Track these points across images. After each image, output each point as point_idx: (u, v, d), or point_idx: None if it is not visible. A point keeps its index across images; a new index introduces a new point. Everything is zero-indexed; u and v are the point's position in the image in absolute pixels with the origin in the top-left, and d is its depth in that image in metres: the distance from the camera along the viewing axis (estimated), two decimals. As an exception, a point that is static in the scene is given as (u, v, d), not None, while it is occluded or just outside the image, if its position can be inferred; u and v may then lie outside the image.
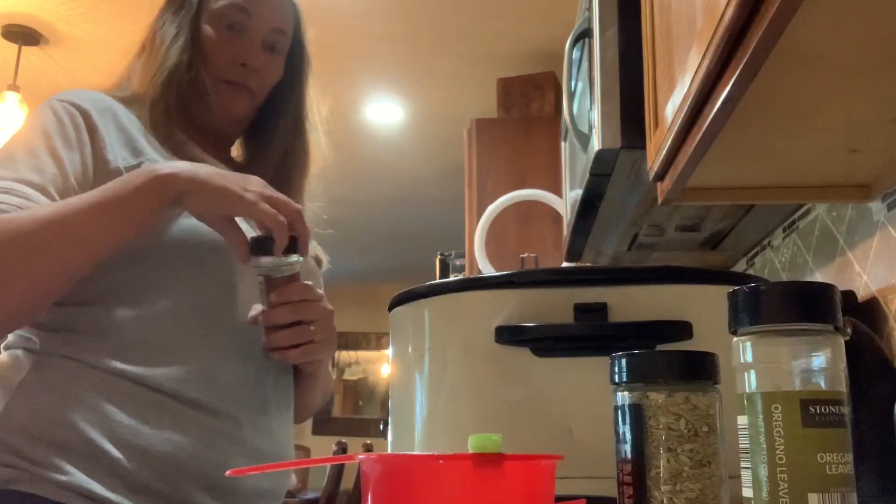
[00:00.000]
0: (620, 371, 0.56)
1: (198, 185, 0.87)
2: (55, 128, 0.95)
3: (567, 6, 2.04)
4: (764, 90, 0.84)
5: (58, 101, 0.98)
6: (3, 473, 0.85)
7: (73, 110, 0.97)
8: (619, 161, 1.28)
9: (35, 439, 0.86)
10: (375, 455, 0.55)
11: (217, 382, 0.93)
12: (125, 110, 1.02)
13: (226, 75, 1.07)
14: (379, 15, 3.08)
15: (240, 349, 0.96)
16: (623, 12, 1.26)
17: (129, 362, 0.89)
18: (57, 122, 0.95)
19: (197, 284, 0.95)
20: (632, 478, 0.54)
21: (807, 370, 0.50)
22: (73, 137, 0.95)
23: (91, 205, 0.86)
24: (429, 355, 0.83)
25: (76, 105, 0.97)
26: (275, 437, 0.99)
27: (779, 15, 0.65)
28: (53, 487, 0.84)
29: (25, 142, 0.93)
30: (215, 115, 1.08)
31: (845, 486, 0.48)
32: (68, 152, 0.93)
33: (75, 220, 0.85)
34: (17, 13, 3.14)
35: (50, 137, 0.93)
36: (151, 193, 0.86)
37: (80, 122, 0.96)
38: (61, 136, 0.94)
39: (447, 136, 4.00)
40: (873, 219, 1.17)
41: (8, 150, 0.93)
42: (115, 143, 0.97)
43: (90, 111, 0.97)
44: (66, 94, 0.99)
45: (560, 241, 2.63)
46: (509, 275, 0.81)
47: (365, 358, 6.99)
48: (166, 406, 0.90)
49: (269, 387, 0.99)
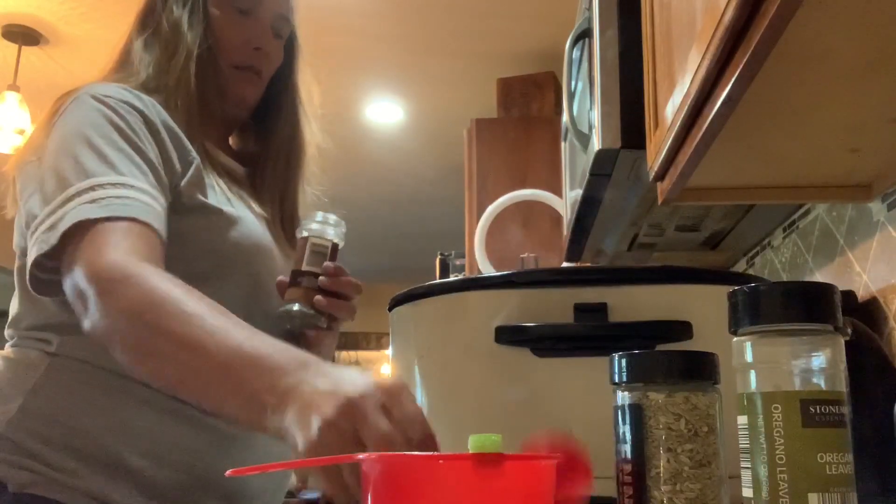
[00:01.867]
0: (620, 371, 0.56)
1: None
2: (123, 123, 0.88)
3: (567, 6, 2.04)
4: (764, 90, 0.83)
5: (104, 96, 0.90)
6: (19, 476, 0.84)
7: (131, 109, 0.91)
8: (619, 161, 1.28)
9: (51, 444, 0.85)
10: (375, 455, 0.55)
11: None
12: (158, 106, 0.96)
13: (239, 60, 1.04)
14: (379, 15, 3.07)
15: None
16: (623, 12, 1.26)
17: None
18: (122, 120, 0.89)
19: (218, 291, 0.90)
20: (632, 478, 0.54)
21: (807, 370, 0.50)
22: (145, 136, 0.89)
23: (223, 367, 0.72)
24: (429, 355, 0.83)
25: (129, 103, 0.91)
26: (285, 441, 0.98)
27: (779, 15, 0.65)
28: (70, 492, 0.84)
29: (98, 135, 0.86)
30: (229, 100, 1.06)
31: (845, 486, 0.48)
32: (147, 144, 0.89)
33: (201, 366, 0.72)
34: (17, 13, 3.14)
35: (126, 134, 0.88)
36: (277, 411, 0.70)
37: (138, 121, 0.91)
38: (135, 135, 0.88)
39: (447, 136, 4.00)
40: (873, 219, 1.17)
41: (83, 144, 0.85)
42: (168, 146, 0.93)
43: (145, 111, 0.92)
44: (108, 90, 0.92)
45: (560, 241, 2.62)
46: (509, 275, 0.81)
47: (365, 358, 6.99)
48: (183, 413, 0.88)
49: None
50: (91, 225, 0.79)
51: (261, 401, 0.69)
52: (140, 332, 0.74)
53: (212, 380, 0.72)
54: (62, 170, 0.84)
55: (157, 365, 0.75)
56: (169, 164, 0.91)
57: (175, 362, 0.73)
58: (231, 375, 0.71)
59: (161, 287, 0.75)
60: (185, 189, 0.92)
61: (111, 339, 0.77)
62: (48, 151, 0.88)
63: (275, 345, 0.72)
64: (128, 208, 0.81)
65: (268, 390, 0.69)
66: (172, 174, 0.91)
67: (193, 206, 0.93)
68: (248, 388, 0.70)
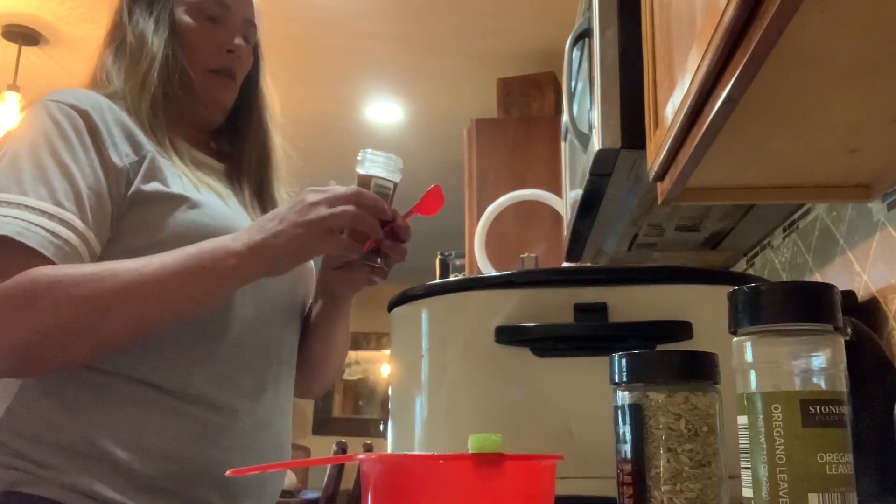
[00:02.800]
0: (620, 371, 0.56)
1: (273, 257, 0.88)
2: (56, 133, 0.91)
3: (567, 6, 2.04)
4: (764, 90, 0.83)
5: (52, 102, 0.94)
6: (7, 475, 0.86)
7: (72, 112, 0.93)
8: (619, 161, 1.28)
9: (38, 442, 0.86)
10: (375, 455, 0.55)
11: (217, 373, 0.94)
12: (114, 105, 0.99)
13: (213, 64, 1.07)
14: (379, 15, 3.07)
15: (240, 337, 0.97)
16: (623, 12, 1.26)
17: (129, 360, 0.89)
18: (57, 129, 0.92)
19: None
20: (632, 478, 0.54)
21: (807, 370, 0.50)
22: (76, 143, 0.92)
23: (175, 269, 0.86)
24: (429, 355, 0.83)
25: (73, 106, 0.94)
26: (271, 428, 1.00)
27: (779, 15, 0.65)
28: (57, 489, 0.85)
29: (29, 151, 0.90)
30: (204, 105, 1.08)
31: (845, 486, 0.48)
32: (74, 161, 0.90)
33: (156, 284, 0.85)
34: (17, 13, 3.14)
35: (54, 146, 0.90)
36: (247, 267, 0.87)
37: (80, 124, 0.93)
38: (65, 143, 0.91)
39: (447, 136, 4.00)
40: (873, 219, 1.17)
41: (11, 161, 0.89)
42: (117, 141, 0.95)
43: (89, 111, 0.94)
44: (60, 95, 0.96)
45: (560, 241, 2.62)
46: (509, 275, 0.81)
47: (365, 358, 7.00)
48: (168, 405, 0.90)
49: (270, 376, 1.00)
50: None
51: (228, 263, 0.86)
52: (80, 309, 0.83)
53: (172, 287, 0.85)
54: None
55: (112, 321, 0.84)
56: (110, 167, 0.93)
57: (131, 303, 0.84)
58: (188, 272, 0.86)
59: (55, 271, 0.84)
60: (142, 179, 0.94)
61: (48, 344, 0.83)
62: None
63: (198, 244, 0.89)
64: (8, 226, 0.84)
65: (228, 254, 0.86)
66: (116, 173, 0.93)
67: (155, 195, 0.94)
68: (211, 266, 0.86)
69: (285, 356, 1.05)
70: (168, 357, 0.91)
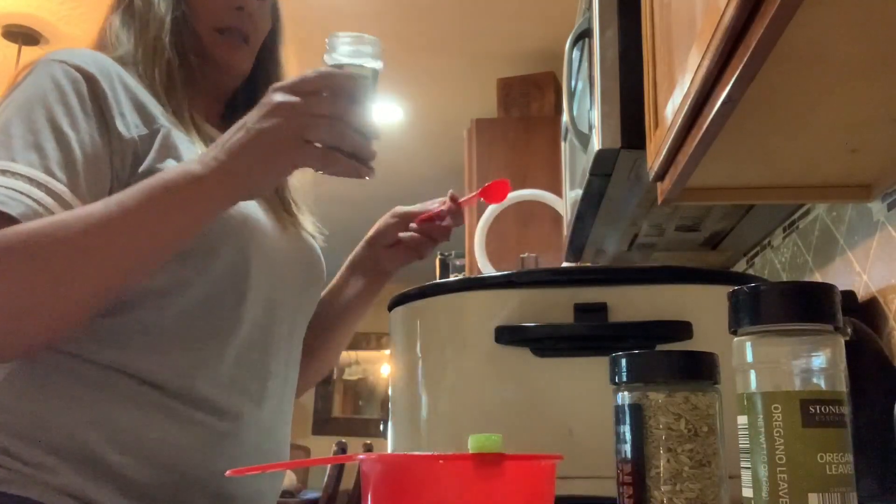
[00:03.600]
0: (620, 371, 0.56)
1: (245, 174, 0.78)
2: (56, 97, 0.84)
3: (567, 6, 2.04)
4: (764, 90, 0.84)
5: (57, 62, 0.86)
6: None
7: (77, 76, 0.86)
8: (619, 161, 1.28)
9: (26, 439, 0.80)
10: (375, 455, 0.55)
11: (224, 375, 0.88)
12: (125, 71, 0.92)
13: (221, 22, 0.99)
14: (378, 15, 3.08)
15: (248, 339, 0.91)
16: (623, 12, 1.26)
17: (132, 357, 0.84)
18: (58, 93, 0.84)
19: (209, 271, 0.88)
20: (632, 478, 0.54)
21: (807, 370, 0.50)
22: (77, 109, 0.84)
23: (143, 201, 0.76)
24: (429, 355, 0.83)
25: (80, 69, 0.86)
26: (274, 435, 0.96)
27: (779, 15, 0.65)
28: (46, 490, 0.79)
29: (24, 114, 0.82)
30: (215, 67, 1.01)
31: (845, 486, 0.48)
32: (72, 128, 0.83)
33: (126, 221, 0.76)
34: (17, 13, 3.14)
35: (52, 110, 0.83)
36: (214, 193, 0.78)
37: (83, 89, 0.86)
38: (65, 109, 0.84)
39: (447, 136, 4.00)
40: (873, 219, 1.17)
41: (3, 124, 0.82)
42: (125, 111, 0.88)
43: (96, 76, 0.87)
44: (66, 55, 0.88)
45: (560, 241, 2.62)
46: (509, 275, 0.81)
47: (365, 358, 6.99)
48: (171, 408, 0.85)
49: (277, 381, 0.96)
50: None
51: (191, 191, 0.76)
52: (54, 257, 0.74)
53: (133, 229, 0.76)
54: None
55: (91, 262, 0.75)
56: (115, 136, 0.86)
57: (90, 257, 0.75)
58: (154, 203, 0.76)
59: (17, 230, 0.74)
60: (156, 156, 0.87)
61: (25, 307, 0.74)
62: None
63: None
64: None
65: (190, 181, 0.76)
66: (122, 143, 0.86)
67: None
68: (173, 197, 0.76)
69: (292, 360, 1.00)
70: (173, 356, 0.85)
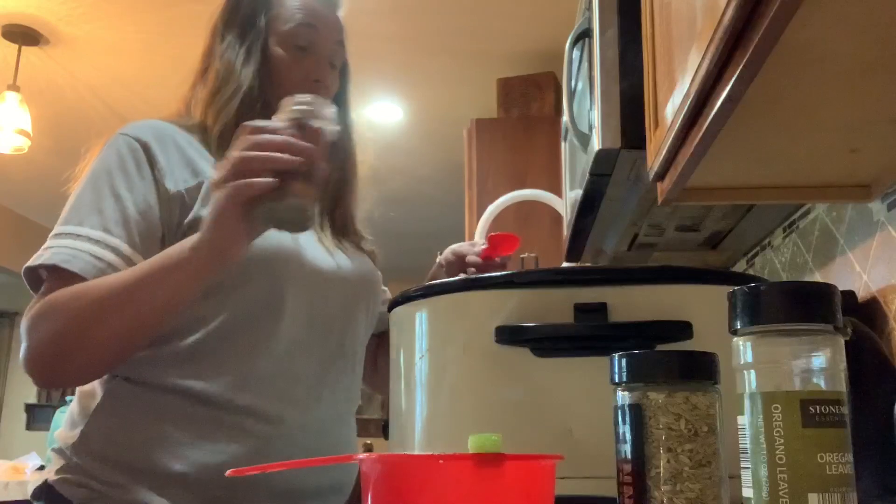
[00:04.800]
0: (620, 371, 0.56)
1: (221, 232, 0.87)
2: (117, 165, 0.99)
3: (567, 6, 2.04)
4: (764, 90, 0.84)
5: (122, 135, 1.02)
6: (78, 493, 0.95)
7: (136, 144, 1.00)
8: (619, 161, 1.28)
9: (105, 461, 0.95)
10: (375, 455, 0.55)
11: (267, 386, 0.98)
12: (184, 133, 1.04)
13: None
14: (379, 15, 3.07)
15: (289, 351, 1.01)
16: (623, 12, 1.26)
17: (184, 377, 0.96)
18: (119, 160, 0.99)
19: (244, 297, 0.99)
20: (632, 478, 0.54)
21: (807, 370, 0.50)
22: (133, 173, 0.99)
23: (143, 275, 0.91)
24: (429, 355, 0.83)
25: (137, 139, 1.01)
26: (327, 437, 1.04)
27: (779, 15, 0.65)
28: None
29: (91, 184, 0.99)
30: None
31: (845, 486, 0.48)
32: (128, 189, 0.97)
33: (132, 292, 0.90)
34: (17, 13, 3.14)
35: (112, 177, 0.98)
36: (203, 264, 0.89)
37: (140, 156, 1.00)
38: (123, 175, 0.98)
39: (447, 136, 4.00)
40: (873, 219, 1.17)
41: (79, 194, 0.99)
42: (174, 168, 1.00)
43: (150, 142, 1.00)
44: (130, 128, 1.03)
45: (560, 241, 2.62)
46: (509, 275, 0.81)
47: (365, 358, 6.98)
48: (220, 420, 0.96)
49: (326, 385, 1.04)
50: (32, 271, 0.97)
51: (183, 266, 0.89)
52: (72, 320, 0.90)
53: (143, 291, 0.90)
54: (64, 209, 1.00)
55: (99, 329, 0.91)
56: (162, 191, 0.99)
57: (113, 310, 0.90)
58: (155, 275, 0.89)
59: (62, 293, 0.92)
60: (201, 204, 0.98)
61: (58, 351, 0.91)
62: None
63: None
64: (58, 255, 0.93)
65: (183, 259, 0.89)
66: (168, 198, 0.98)
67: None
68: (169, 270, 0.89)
69: (347, 364, 1.08)
70: (217, 375, 0.97)
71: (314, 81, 1.09)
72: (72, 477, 0.96)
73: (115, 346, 0.92)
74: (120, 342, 0.92)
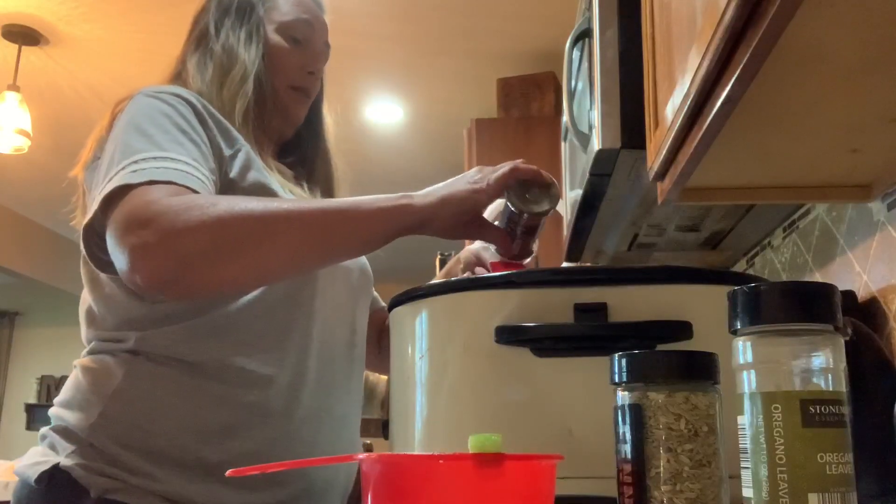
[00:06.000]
0: (620, 371, 0.56)
1: (437, 208, 0.92)
2: (172, 111, 0.94)
3: (567, 6, 2.04)
4: (764, 90, 0.84)
5: (155, 92, 0.96)
6: (100, 482, 0.87)
7: (179, 99, 0.96)
8: (619, 161, 1.28)
9: (131, 448, 0.88)
10: (375, 455, 0.55)
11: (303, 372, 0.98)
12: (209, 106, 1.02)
13: (296, 82, 1.12)
14: (379, 15, 3.08)
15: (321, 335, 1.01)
16: (623, 12, 1.26)
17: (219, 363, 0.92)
18: (170, 107, 0.94)
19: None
20: (632, 478, 0.54)
21: (807, 370, 0.50)
22: (192, 120, 0.95)
23: (330, 210, 0.88)
24: (429, 355, 0.83)
25: (178, 95, 0.97)
26: (350, 425, 1.06)
27: (779, 15, 0.65)
28: (150, 497, 0.87)
29: (149, 122, 0.91)
30: (282, 118, 1.13)
31: (845, 486, 0.48)
32: (195, 133, 0.94)
33: (314, 219, 0.86)
34: (17, 13, 3.14)
35: (173, 118, 0.93)
36: (394, 217, 0.90)
37: (190, 111, 0.96)
38: (183, 119, 0.94)
39: (447, 136, 4.00)
40: (873, 219, 1.17)
41: (136, 130, 0.90)
42: (216, 133, 0.98)
43: (192, 100, 0.97)
44: (158, 88, 0.98)
45: (560, 241, 2.62)
46: (509, 275, 0.81)
47: (365, 358, 6.99)
48: (254, 408, 0.93)
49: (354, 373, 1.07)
50: (130, 189, 0.83)
51: (391, 215, 0.90)
52: (243, 226, 0.82)
53: (335, 223, 0.87)
54: (113, 155, 0.89)
55: (273, 240, 0.84)
56: (217, 149, 0.96)
57: (288, 232, 0.84)
58: (349, 211, 0.88)
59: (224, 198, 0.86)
60: (240, 172, 0.97)
61: (186, 251, 0.81)
62: (106, 147, 0.93)
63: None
64: (167, 173, 0.84)
65: (393, 208, 0.91)
66: (220, 158, 0.96)
67: (251, 187, 0.97)
68: (374, 213, 0.89)
69: (357, 352, 1.10)
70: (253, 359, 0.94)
71: (309, 73, 1.13)
72: (89, 463, 0.88)
73: (278, 264, 0.87)
74: (282, 264, 0.87)
